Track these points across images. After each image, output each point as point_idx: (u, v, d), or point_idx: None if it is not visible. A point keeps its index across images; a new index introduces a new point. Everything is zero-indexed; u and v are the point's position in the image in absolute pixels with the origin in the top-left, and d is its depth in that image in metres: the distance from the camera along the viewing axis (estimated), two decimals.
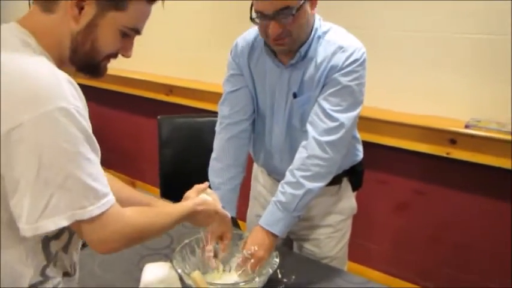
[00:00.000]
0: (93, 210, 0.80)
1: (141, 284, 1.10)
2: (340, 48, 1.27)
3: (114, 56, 0.93)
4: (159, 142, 2.10)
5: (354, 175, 1.51)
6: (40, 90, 0.75)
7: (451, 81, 2.10)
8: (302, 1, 1.18)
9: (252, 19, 1.23)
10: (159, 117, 2.12)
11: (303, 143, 1.31)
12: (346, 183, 1.51)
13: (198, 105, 2.94)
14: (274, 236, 1.28)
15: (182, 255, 1.24)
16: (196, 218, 1.11)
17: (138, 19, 0.89)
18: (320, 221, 1.50)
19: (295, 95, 1.34)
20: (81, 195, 0.78)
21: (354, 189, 1.53)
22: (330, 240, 1.50)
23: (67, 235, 0.91)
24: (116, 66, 3.77)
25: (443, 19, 2.06)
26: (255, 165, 1.64)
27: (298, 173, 1.29)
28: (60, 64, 0.87)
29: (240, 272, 1.24)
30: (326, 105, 1.28)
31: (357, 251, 1.55)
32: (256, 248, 1.24)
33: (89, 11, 0.84)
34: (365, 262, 2.53)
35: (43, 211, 0.76)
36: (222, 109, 1.48)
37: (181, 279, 1.14)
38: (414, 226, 2.35)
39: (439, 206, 2.24)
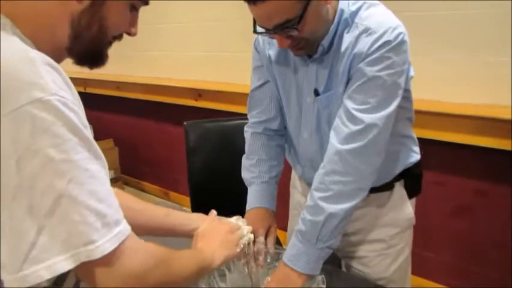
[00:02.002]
0: (104, 245, 0.59)
1: None
2: (367, 30, 0.99)
3: (120, 37, 0.74)
4: (187, 150, 1.94)
5: (409, 179, 1.24)
6: (7, 79, 0.55)
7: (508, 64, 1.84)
8: (301, 10, 0.93)
9: (255, 32, 1.03)
10: (185, 123, 1.96)
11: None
12: (399, 189, 1.23)
13: (230, 109, 2.77)
14: (300, 273, 1.05)
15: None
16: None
17: None
18: (368, 235, 1.24)
19: (317, 92, 1.10)
20: (83, 223, 0.57)
21: (410, 196, 1.25)
22: (383, 258, 1.23)
23: (73, 279, 0.69)
24: (143, 75, 3.66)
25: None
26: (293, 171, 1.43)
27: (316, 194, 1.05)
28: (53, 58, 0.65)
29: None
30: (350, 105, 1.02)
31: (414, 261, 1.34)
32: None
33: None
34: (423, 274, 2.28)
35: (29, 252, 0.55)
36: (248, 107, 1.33)
37: None
38: (477, 232, 2.09)
39: (506, 207, 1.97)
